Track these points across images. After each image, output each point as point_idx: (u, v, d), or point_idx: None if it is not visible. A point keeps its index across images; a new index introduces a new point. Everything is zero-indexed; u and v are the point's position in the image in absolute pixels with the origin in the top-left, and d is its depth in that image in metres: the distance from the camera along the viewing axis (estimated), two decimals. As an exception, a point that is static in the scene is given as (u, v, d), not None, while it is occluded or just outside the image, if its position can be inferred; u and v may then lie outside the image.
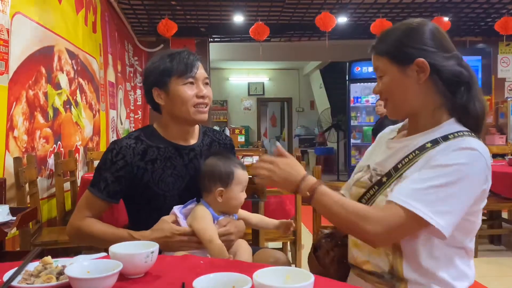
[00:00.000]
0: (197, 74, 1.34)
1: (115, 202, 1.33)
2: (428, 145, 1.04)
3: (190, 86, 1.33)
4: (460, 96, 1.06)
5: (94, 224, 1.31)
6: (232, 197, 1.28)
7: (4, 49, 2.38)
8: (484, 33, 6.91)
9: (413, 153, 1.05)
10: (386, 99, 1.13)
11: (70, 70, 3.52)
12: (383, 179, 1.08)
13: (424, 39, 1.07)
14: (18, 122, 2.58)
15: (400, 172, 1.05)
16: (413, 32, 1.09)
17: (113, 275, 0.79)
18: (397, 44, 1.08)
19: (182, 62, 1.33)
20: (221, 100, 11.23)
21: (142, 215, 1.34)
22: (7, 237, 1.93)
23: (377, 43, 1.12)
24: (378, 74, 1.12)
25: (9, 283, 0.79)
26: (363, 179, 1.16)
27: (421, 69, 1.05)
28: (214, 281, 0.79)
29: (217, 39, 7.29)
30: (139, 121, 6.50)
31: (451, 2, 5.59)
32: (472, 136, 1.04)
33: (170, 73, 1.33)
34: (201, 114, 1.34)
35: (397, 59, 1.07)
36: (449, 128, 1.06)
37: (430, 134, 1.07)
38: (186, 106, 1.32)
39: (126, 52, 6.03)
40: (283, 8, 5.71)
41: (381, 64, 1.10)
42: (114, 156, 1.30)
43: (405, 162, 1.05)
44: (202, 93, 1.34)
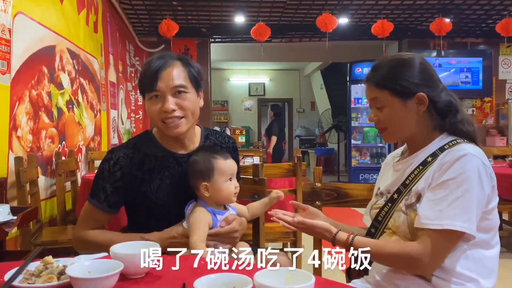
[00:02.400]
0: (159, 87, 1.23)
1: (115, 212, 1.32)
2: (429, 159, 1.14)
3: (155, 100, 1.25)
4: (450, 119, 1.16)
5: (100, 234, 1.28)
6: (218, 188, 1.26)
7: (6, 49, 2.38)
8: (485, 34, 6.91)
9: (418, 168, 1.15)
10: (384, 128, 1.20)
11: (71, 70, 3.53)
12: (394, 196, 1.18)
13: (423, 72, 1.16)
14: (22, 121, 2.58)
15: (409, 187, 1.15)
16: (411, 67, 1.16)
17: (114, 275, 0.79)
18: (398, 78, 1.15)
19: (146, 75, 1.25)
20: (222, 100, 11.23)
21: (141, 222, 1.33)
22: (8, 237, 1.94)
23: (373, 75, 1.19)
24: (377, 105, 1.18)
25: (10, 282, 0.79)
26: (379, 202, 1.24)
27: (420, 102, 1.14)
28: (215, 282, 0.79)
29: (218, 40, 7.30)
30: (140, 121, 6.50)
31: (453, 4, 5.59)
32: (465, 142, 1.13)
33: (141, 88, 1.30)
34: (172, 130, 1.25)
35: (399, 92, 1.15)
36: (443, 141, 1.16)
37: (428, 149, 1.17)
38: (155, 121, 1.27)
39: (127, 52, 6.03)
40: (284, 8, 5.72)
41: (381, 96, 1.17)
42: (112, 166, 1.28)
43: (412, 178, 1.15)
44: (166, 108, 1.22)
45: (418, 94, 1.14)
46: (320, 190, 1.51)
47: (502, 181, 3.30)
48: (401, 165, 1.23)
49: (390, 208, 1.17)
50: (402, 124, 1.18)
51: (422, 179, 1.12)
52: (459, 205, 1.03)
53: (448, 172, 1.06)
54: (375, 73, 1.19)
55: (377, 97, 1.17)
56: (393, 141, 1.28)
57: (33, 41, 2.78)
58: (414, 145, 1.21)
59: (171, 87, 1.24)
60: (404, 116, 1.16)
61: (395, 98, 1.15)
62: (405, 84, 1.14)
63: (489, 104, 7.16)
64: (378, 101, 1.17)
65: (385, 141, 1.28)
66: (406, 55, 1.20)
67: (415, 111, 1.15)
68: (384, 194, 1.24)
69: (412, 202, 1.12)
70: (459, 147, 1.10)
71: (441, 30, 5.56)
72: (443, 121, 1.17)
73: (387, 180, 1.27)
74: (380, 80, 1.17)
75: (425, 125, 1.18)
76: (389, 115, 1.17)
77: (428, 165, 1.13)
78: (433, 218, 1.03)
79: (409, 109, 1.15)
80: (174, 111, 1.24)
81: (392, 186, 1.22)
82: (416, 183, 1.13)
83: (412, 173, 1.15)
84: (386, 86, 1.16)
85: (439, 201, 1.05)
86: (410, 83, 1.14)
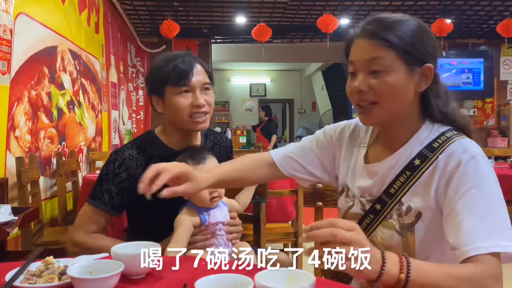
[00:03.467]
0: (193, 82, 1.27)
1: (117, 214, 1.30)
2: (417, 162, 0.95)
3: (185, 95, 1.27)
4: (444, 107, 0.99)
5: (100, 239, 1.25)
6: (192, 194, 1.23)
7: (7, 49, 2.39)
8: (487, 35, 6.90)
9: (404, 174, 0.96)
10: (374, 103, 0.94)
11: (73, 70, 3.53)
12: (376, 207, 0.99)
13: (434, 44, 0.97)
14: (20, 122, 2.58)
15: (397, 198, 0.97)
16: (428, 33, 0.96)
17: (115, 275, 0.80)
18: (414, 40, 0.92)
19: (177, 70, 1.26)
20: (223, 101, 11.23)
21: (144, 224, 1.33)
22: (9, 237, 1.94)
23: (381, 29, 0.92)
24: (375, 68, 0.92)
25: (11, 283, 0.79)
26: (355, 210, 1.05)
27: (425, 76, 0.94)
28: (215, 283, 0.79)
29: (219, 40, 7.30)
30: (141, 121, 6.51)
31: (454, 4, 5.58)
32: (457, 135, 0.96)
33: (165, 82, 1.28)
34: (199, 124, 1.29)
35: (409, 57, 0.92)
36: (429, 135, 0.97)
37: (411, 145, 0.98)
38: (182, 116, 1.27)
39: (128, 52, 6.03)
40: (285, 9, 5.72)
41: (386, 57, 0.91)
42: (117, 167, 1.27)
43: (398, 187, 0.96)
44: (198, 102, 1.27)
45: (427, 65, 0.93)
46: (322, 191, 1.52)
47: (503, 182, 3.28)
48: (378, 167, 1.01)
49: (373, 220, 0.99)
50: (399, 100, 0.94)
51: (415, 190, 0.95)
52: (497, 217, 0.85)
53: (464, 182, 0.88)
54: (384, 27, 0.92)
55: (379, 57, 0.91)
56: (375, 123, 1.01)
57: (34, 42, 2.78)
58: (394, 135, 1.00)
59: (203, 83, 1.30)
60: (404, 89, 0.93)
61: (401, 63, 0.91)
62: (420, 49, 0.93)
63: (491, 105, 7.16)
64: (379, 63, 0.91)
65: (365, 121, 0.99)
66: (417, 20, 0.97)
67: (415, 86, 0.94)
68: (356, 198, 1.05)
69: (410, 222, 0.95)
70: (457, 145, 0.93)
71: (442, 31, 5.55)
72: (435, 110, 0.98)
73: (359, 181, 1.05)
74: (391, 36, 0.91)
75: (415, 110, 0.98)
76: (387, 84, 0.91)
77: (418, 171, 0.94)
78: (484, 239, 0.82)
79: (411, 82, 0.93)
80: (204, 106, 1.29)
81: (369, 190, 1.02)
82: (406, 194, 0.96)
83: (397, 180, 0.96)
84: (397, 45, 0.91)
85: (479, 217, 0.85)
86: (425, 48, 0.93)
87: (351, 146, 1.11)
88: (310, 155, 1.15)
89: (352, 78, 0.96)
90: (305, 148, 1.16)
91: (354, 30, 0.98)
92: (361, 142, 1.09)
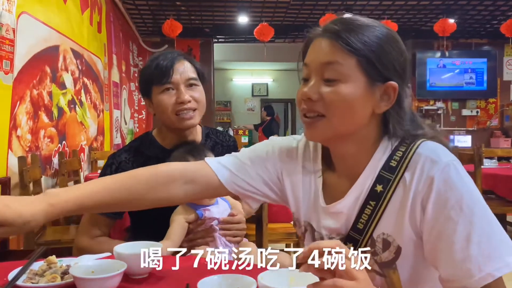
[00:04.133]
0: (174, 78, 1.24)
1: (118, 218, 1.30)
2: (379, 188, 0.81)
3: (168, 92, 1.25)
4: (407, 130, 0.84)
5: (105, 243, 1.24)
6: None
7: (9, 49, 2.39)
8: (490, 35, 6.88)
9: (369, 206, 0.82)
10: (321, 116, 0.80)
11: (75, 70, 3.54)
12: (348, 245, 0.83)
13: (404, 60, 0.82)
14: (22, 121, 2.59)
15: (367, 234, 0.82)
16: (398, 46, 0.82)
17: (117, 275, 0.79)
18: (380, 50, 0.79)
19: (158, 68, 1.25)
20: (225, 100, 11.23)
21: (144, 226, 1.32)
22: (11, 236, 1.94)
23: (346, 31, 0.79)
24: (329, 75, 0.79)
25: (14, 282, 0.79)
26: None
27: (387, 96, 0.81)
28: (218, 283, 0.79)
29: (222, 40, 7.30)
30: (143, 121, 6.51)
31: (457, 4, 5.57)
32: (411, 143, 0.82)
33: (149, 82, 1.27)
34: (185, 121, 1.25)
35: (371, 69, 0.78)
36: (384, 154, 0.83)
37: (370, 171, 0.84)
38: (168, 114, 1.25)
39: (130, 52, 6.04)
40: (287, 9, 5.72)
41: (344, 64, 0.78)
42: (114, 171, 1.26)
43: (366, 220, 0.82)
44: (181, 98, 1.24)
45: (390, 83, 0.79)
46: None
47: (505, 183, 3.27)
48: (341, 207, 0.86)
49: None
50: (350, 116, 0.80)
51: (386, 220, 0.81)
52: (491, 233, 0.73)
53: (443, 202, 0.75)
54: (348, 29, 0.79)
55: (336, 62, 0.78)
56: (320, 139, 0.87)
57: (37, 41, 2.79)
58: (349, 162, 0.86)
59: (186, 79, 1.26)
60: (359, 105, 0.79)
61: (361, 74, 0.78)
62: (385, 62, 0.79)
63: (494, 105, 7.14)
64: (335, 69, 0.78)
65: (308, 136, 0.86)
66: (389, 28, 0.83)
67: (373, 106, 0.80)
68: (325, 239, 0.90)
69: (390, 259, 0.82)
70: (419, 157, 0.79)
71: (445, 30, 5.54)
72: (394, 135, 0.83)
73: (323, 220, 0.90)
74: (354, 41, 0.77)
75: (371, 132, 0.84)
76: (340, 95, 0.78)
77: (383, 197, 0.81)
78: (483, 264, 0.71)
79: (369, 100, 0.80)
80: (189, 102, 1.25)
81: (336, 231, 0.88)
82: (376, 228, 0.82)
83: (364, 214, 0.82)
84: (359, 52, 0.77)
85: (463, 244, 0.72)
86: (392, 64, 0.80)
87: (307, 173, 0.94)
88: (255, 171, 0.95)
89: (304, 84, 0.83)
90: (247, 162, 0.96)
91: (315, 29, 0.85)
92: (314, 170, 0.93)
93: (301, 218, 0.95)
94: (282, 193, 0.97)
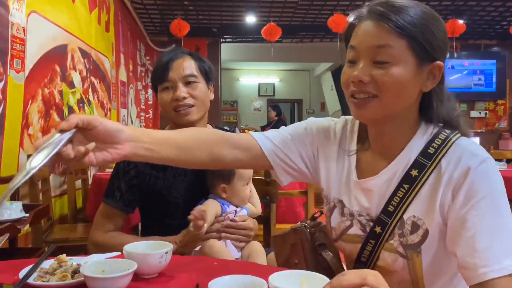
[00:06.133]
0: (171, 77, 1.28)
1: (130, 211, 1.32)
2: (414, 172, 0.84)
3: (167, 91, 1.30)
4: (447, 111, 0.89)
5: (118, 237, 1.26)
6: (236, 191, 1.29)
7: (20, 47, 2.40)
8: (499, 36, 6.82)
9: (402, 188, 0.85)
10: (374, 96, 0.82)
11: (82, 69, 3.55)
12: (376, 230, 0.87)
13: (446, 39, 0.85)
14: (34, 120, 2.61)
15: (397, 216, 0.85)
16: (442, 25, 0.84)
17: (128, 274, 0.79)
18: (427, 32, 0.80)
19: (158, 67, 1.31)
20: (231, 100, 11.24)
21: (155, 221, 1.34)
22: (20, 234, 1.95)
23: (394, 12, 0.79)
24: (381, 58, 0.80)
25: (25, 280, 0.79)
26: (353, 230, 0.93)
27: (432, 75, 0.84)
28: (229, 284, 0.78)
29: (229, 40, 7.30)
30: (149, 120, 6.53)
31: (466, 5, 5.53)
32: (451, 134, 0.86)
33: (154, 81, 1.34)
34: (183, 117, 1.29)
35: (421, 51, 0.80)
36: (422, 139, 0.87)
37: (407, 154, 0.87)
38: (168, 111, 1.31)
39: (138, 51, 6.06)
40: (295, 9, 5.70)
41: (396, 47, 0.79)
42: (126, 165, 1.30)
43: (397, 203, 0.85)
44: (177, 96, 1.27)
45: (437, 62, 0.82)
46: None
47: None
48: (371, 182, 0.90)
49: (375, 246, 0.88)
50: (402, 96, 0.82)
51: (417, 204, 0.84)
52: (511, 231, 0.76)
53: (474, 191, 0.78)
54: (396, 10, 0.80)
55: (387, 45, 0.79)
56: (370, 118, 0.87)
57: (46, 40, 2.80)
58: (388, 141, 0.89)
59: (182, 76, 1.29)
60: (410, 85, 0.81)
61: (412, 55, 0.80)
62: (433, 43, 0.81)
63: (503, 107, 7.07)
64: (386, 52, 0.79)
65: (359, 115, 0.88)
66: (428, 7, 0.85)
67: (420, 85, 0.84)
68: (355, 217, 0.92)
69: (417, 241, 0.84)
70: (459, 148, 0.83)
71: (454, 31, 5.50)
72: (435, 114, 0.87)
73: (354, 197, 0.93)
74: (403, 22, 0.78)
75: (414, 111, 0.87)
76: (393, 77, 0.79)
77: (417, 182, 0.84)
78: (503, 258, 0.73)
79: (418, 79, 0.82)
80: (185, 99, 1.28)
81: (366, 210, 0.91)
82: (407, 211, 0.85)
83: (396, 196, 0.85)
84: (410, 35, 0.79)
85: (485, 235, 0.75)
86: (437, 43, 0.82)
87: (342, 152, 0.98)
88: (294, 146, 1.00)
89: (351, 66, 0.84)
90: (288, 136, 1.00)
91: (358, 11, 0.86)
92: (350, 149, 0.97)
93: (331, 195, 0.98)
94: (314, 170, 1.01)
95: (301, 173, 1.01)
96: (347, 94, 0.87)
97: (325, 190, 1.00)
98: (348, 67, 0.86)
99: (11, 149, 2.36)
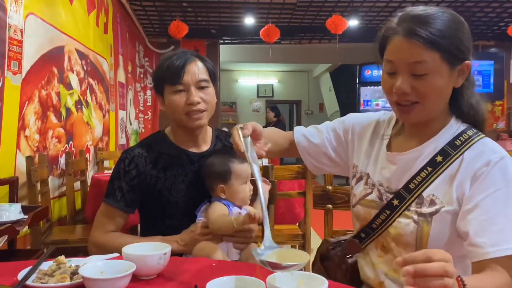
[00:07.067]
0: (185, 80, 1.27)
1: (131, 211, 1.32)
2: (439, 159, 0.95)
3: (179, 93, 1.28)
4: (472, 100, 1.00)
5: (119, 237, 1.26)
6: (234, 191, 1.28)
7: (17, 49, 2.40)
8: (497, 37, 6.84)
9: (425, 170, 0.96)
10: (415, 103, 0.93)
11: (80, 70, 3.55)
12: (394, 202, 0.99)
13: (470, 37, 0.95)
14: (30, 121, 2.60)
15: (416, 193, 0.96)
16: (465, 26, 0.94)
17: (126, 276, 0.80)
18: (455, 39, 0.90)
19: (170, 68, 1.28)
20: (230, 101, 11.25)
21: (155, 221, 1.33)
22: (18, 236, 1.95)
23: (422, 29, 0.88)
24: (419, 72, 0.89)
25: (23, 282, 0.79)
26: (371, 197, 1.06)
27: (462, 72, 0.94)
28: (227, 284, 0.78)
29: (228, 41, 7.31)
30: (148, 121, 6.53)
31: (464, 6, 5.54)
32: (476, 133, 0.97)
33: (162, 82, 1.31)
34: (194, 121, 1.29)
35: (452, 58, 0.90)
36: (450, 131, 0.98)
37: (436, 141, 0.98)
38: (179, 114, 1.29)
39: (136, 53, 6.06)
40: (294, 10, 5.71)
41: (429, 60, 0.88)
42: (127, 165, 1.29)
43: (418, 182, 0.96)
44: (191, 100, 1.27)
45: (466, 62, 0.93)
46: (332, 193, 1.51)
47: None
48: (400, 157, 1.01)
49: (389, 216, 0.99)
50: (441, 99, 0.94)
51: (436, 185, 0.95)
52: None
53: (492, 182, 0.89)
54: (424, 26, 0.88)
55: (423, 61, 0.88)
56: (416, 121, 0.98)
57: (44, 42, 2.80)
58: (423, 128, 1.00)
59: (196, 81, 1.29)
60: (446, 88, 0.93)
61: (444, 64, 0.90)
62: (460, 47, 0.91)
63: (500, 108, 7.09)
64: (423, 67, 0.89)
65: (406, 120, 0.99)
66: (451, 11, 0.95)
67: (453, 83, 0.94)
68: (376, 187, 1.05)
69: (430, 212, 0.94)
70: (482, 144, 0.94)
71: (452, 32, 5.52)
72: (465, 103, 0.98)
73: (378, 169, 1.06)
74: (433, 37, 0.87)
75: (445, 104, 0.98)
76: (431, 86, 0.90)
77: (440, 167, 0.95)
78: (505, 241, 0.84)
79: (452, 80, 0.93)
80: (198, 104, 1.28)
81: (388, 181, 1.02)
82: (427, 189, 0.96)
83: (418, 175, 0.96)
84: (439, 46, 0.88)
85: (499, 220, 0.86)
86: (465, 46, 0.92)
87: (374, 138, 1.12)
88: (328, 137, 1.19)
89: (391, 77, 0.95)
90: (323, 131, 1.20)
91: (389, 26, 0.95)
92: (384, 134, 1.10)
93: (359, 168, 1.12)
94: (345, 154, 1.18)
95: (331, 160, 1.19)
96: (391, 101, 0.98)
97: (355, 163, 1.14)
98: (388, 77, 0.96)
99: (8, 150, 2.36)
